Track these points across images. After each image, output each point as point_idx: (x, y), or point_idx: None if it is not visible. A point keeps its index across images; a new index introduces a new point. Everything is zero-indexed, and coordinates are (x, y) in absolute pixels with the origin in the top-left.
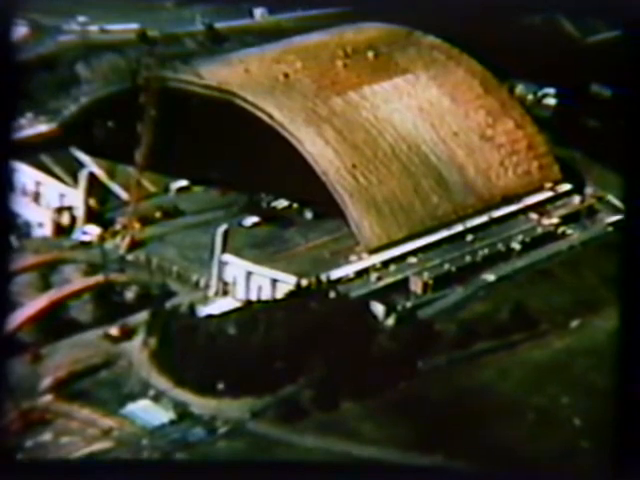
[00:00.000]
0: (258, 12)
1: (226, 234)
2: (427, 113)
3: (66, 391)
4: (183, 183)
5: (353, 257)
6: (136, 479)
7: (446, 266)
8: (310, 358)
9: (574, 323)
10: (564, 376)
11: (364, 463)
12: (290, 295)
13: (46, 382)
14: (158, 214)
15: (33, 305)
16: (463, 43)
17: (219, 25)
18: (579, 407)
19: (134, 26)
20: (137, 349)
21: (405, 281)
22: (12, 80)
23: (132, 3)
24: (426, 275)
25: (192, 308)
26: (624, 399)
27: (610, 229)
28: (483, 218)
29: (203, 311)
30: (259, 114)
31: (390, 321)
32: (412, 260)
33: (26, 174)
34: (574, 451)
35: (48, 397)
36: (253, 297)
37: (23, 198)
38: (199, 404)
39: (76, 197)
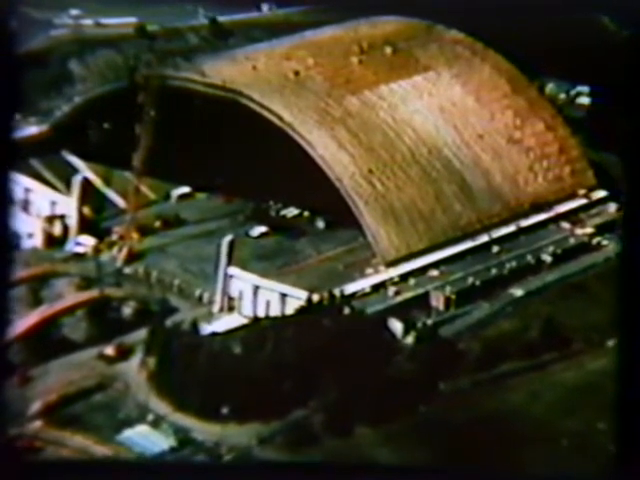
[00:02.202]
0: (265, 4)
1: (231, 245)
2: (449, 114)
3: (57, 416)
4: (185, 190)
5: (369, 270)
6: None
7: (470, 280)
8: (322, 380)
9: (610, 342)
10: (599, 400)
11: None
12: (300, 311)
13: (35, 407)
14: (158, 223)
15: (22, 322)
16: (489, 38)
17: (223, 19)
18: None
19: (132, 20)
20: (134, 370)
21: (425, 296)
22: (7, 80)
23: None
24: (448, 289)
25: (195, 325)
26: None
27: None
28: (510, 227)
29: (206, 328)
30: (267, 115)
31: (409, 339)
32: (433, 273)
33: (14, 180)
34: None
35: (37, 423)
36: (260, 313)
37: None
38: (202, 430)
39: (69, 205)
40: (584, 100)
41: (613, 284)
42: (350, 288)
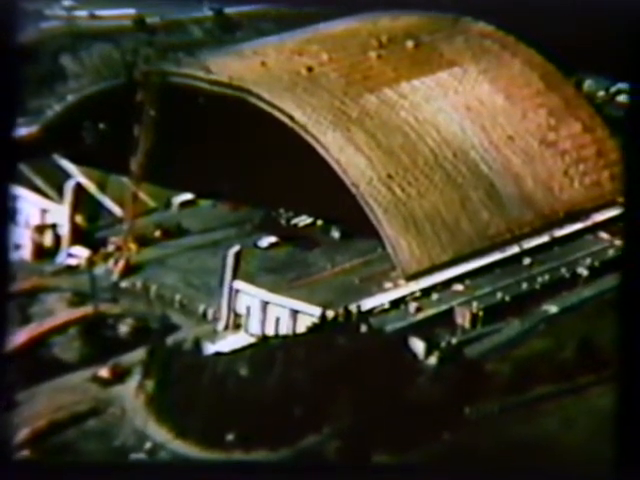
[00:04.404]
0: None
1: (238, 257)
2: (477, 113)
3: (46, 445)
4: (187, 196)
5: (388, 284)
6: None
7: (499, 295)
8: (336, 404)
9: None
10: None
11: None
12: (313, 329)
13: (22, 434)
14: (158, 233)
15: (9, 341)
16: (520, 31)
17: (230, 10)
18: None
19: (130, 11)
20: (131, 394)
21: (450, 313)
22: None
23: None
24: (475, 306)
25: (197, 344)
26: None
27: None
28: (543, 238)
29: (210, 348)
30: (277, 115)
31: (432, 360)
32: (458, 288)
33: (8, 188)
34: None
35: (24, 452)
36: (269, 331)
37: None
38: (204, 458)
39: (61, 213)
40: (625, 98)
41: None
42: (367, 304)
